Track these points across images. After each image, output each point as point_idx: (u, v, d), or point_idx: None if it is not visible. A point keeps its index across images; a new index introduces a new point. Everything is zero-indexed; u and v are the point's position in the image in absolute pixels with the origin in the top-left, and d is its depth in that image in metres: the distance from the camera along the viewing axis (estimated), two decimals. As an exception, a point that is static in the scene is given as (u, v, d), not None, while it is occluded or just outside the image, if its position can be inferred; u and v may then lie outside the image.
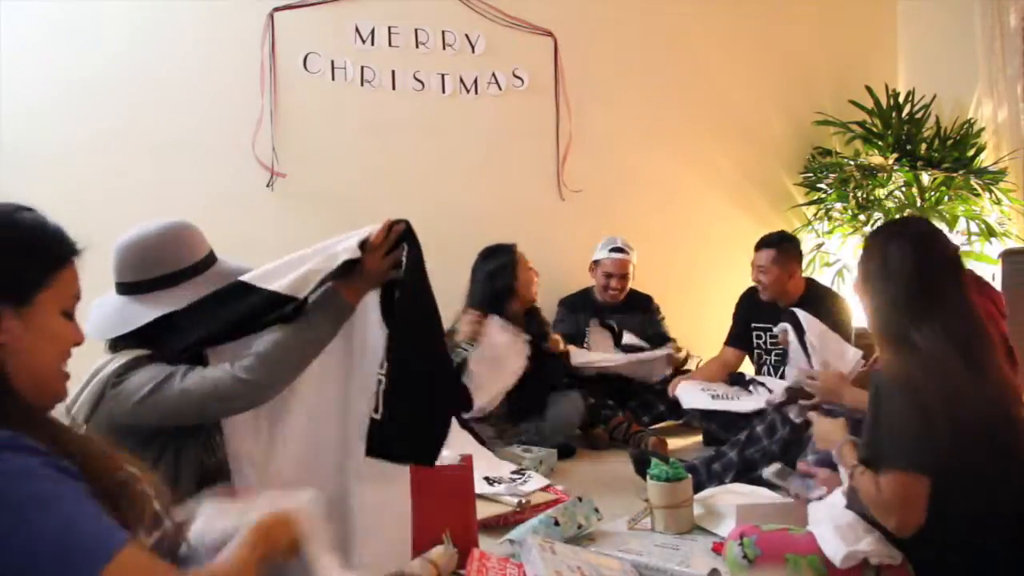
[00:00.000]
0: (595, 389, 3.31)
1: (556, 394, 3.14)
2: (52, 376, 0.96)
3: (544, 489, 2.38)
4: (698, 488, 2.26)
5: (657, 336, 3.53)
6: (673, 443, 3.08)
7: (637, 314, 3.59)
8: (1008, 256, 3.44)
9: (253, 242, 3.33)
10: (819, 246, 4.12)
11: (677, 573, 1.78)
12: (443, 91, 3.64)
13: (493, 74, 3.72)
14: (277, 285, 1.48)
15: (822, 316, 2.69)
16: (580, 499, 2.06)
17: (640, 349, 3.41)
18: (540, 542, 1.72)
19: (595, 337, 3.48)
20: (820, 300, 3.10)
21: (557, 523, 1.96)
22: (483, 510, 2.11)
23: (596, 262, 3.57)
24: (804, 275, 3.38)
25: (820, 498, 1.74)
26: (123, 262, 1.56)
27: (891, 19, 4.51)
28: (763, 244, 3.21)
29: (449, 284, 3.31)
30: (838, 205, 4.06)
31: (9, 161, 3.06)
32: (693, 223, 4.02)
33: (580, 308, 3.58)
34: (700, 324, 3.80)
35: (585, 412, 3.14)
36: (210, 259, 1.63)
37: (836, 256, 4.12)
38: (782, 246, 3.17)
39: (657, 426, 3.34)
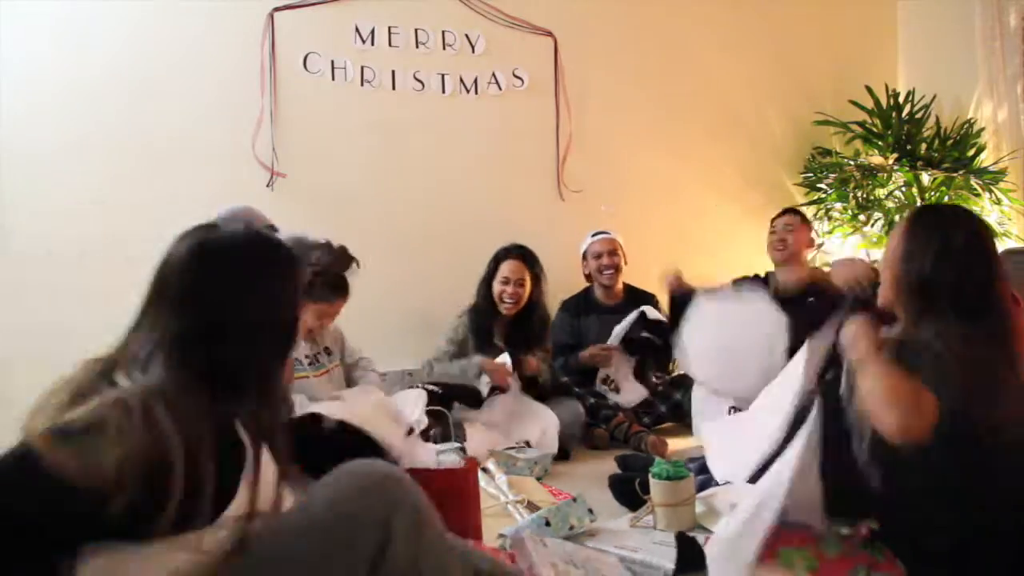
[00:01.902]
0: (593, 389, 3.33)
1: (553, 402, 3.11)
2: None
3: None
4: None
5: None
6: (673, 444, 3.07)
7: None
8: (1008, 256, 3.44)
9: (253, 242, 3.35)
10: (819, 246, 4.12)
11: (670, 570, 1.78)
12: (443, 91, 3.65)
13: (493, 74, 3.72)
14: None
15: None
16: (575, 499, 2.03)
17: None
18: (530, 535, 1.71)
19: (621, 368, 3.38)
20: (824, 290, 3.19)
21: (548, 523, 1.92)
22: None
23: (585, 254, 3.58)
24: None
25: None
26: None
27: (891, 19, 4.51)
28: (788, 211, 3.44)
29: (449, 284, 3.33)
30: (838, 205, 4.07)
31: (9, 161, 3.07)
32: (693, 223, 4.02)
33: (582, 310, 3.56)
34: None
35: (585, 417, 3.12)
36: None
37: (836, 256, 4.11)
38: (804, 217, 3.45)
39: (658, 427, 3.34)
